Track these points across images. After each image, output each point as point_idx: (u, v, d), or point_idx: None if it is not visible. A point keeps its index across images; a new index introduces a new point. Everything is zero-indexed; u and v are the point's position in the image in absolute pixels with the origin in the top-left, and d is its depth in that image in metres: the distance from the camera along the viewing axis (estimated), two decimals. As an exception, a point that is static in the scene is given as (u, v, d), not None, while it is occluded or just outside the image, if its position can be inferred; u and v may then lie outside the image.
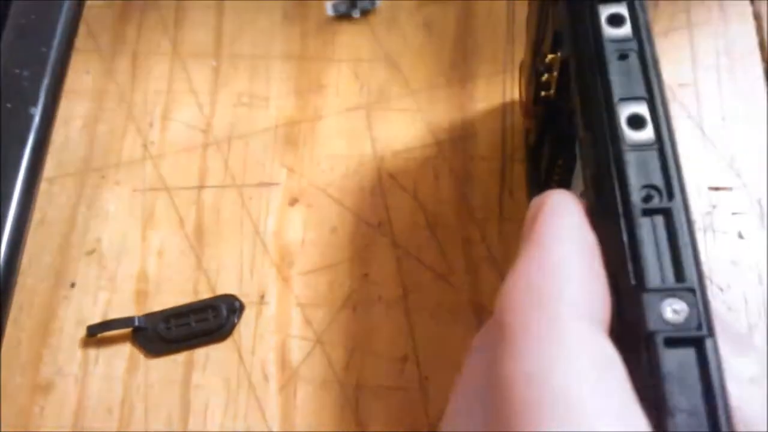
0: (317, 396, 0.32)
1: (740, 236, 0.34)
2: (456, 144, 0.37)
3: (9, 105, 0.39)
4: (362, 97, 0.38)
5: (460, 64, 0.39)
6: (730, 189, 0.35)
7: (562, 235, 0.18)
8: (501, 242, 0.34)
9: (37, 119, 0.39)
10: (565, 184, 0.27)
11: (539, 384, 0.16)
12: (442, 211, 0.35)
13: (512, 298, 0.18)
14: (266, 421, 0.32)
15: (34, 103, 0.39)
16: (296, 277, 0.35)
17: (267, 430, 0.32)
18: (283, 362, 0.33)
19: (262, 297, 0.34)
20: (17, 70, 0.40)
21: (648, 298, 0.17)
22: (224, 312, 0.34)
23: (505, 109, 0.37)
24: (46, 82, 0.40)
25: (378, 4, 0.40)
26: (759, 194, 0.34)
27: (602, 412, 0.16)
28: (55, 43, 0.41)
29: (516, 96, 0.37)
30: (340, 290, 0.34)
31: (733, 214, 0.34)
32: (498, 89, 0.38)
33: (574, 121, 0.21)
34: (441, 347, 0.33)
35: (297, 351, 0.33)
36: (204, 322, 0.34)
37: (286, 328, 0.34)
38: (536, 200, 0.20)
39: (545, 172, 0.29)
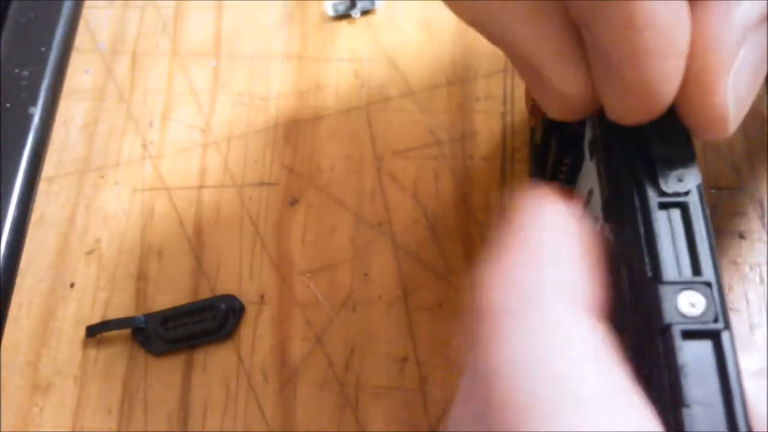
0: (317, 396, 0.32)
1: (741, 236, 0.34)
2: (456, 144, 0.37)
3: (8, 105, 0.39)
4: (362, 97, 0.38)
5: (460, 64, 0.39)
6: (731, 189, 0.35)
7: (541, 222, 0.18)
8: (501, 242, 0.34)
9: (36, 119, 0.39)
10: (571, 182, 0.27)
11: (538, 373, 0.15)
12: (442, 211, 0.35)
13: (491, 287, 0.17)
14: (266, 421, 0.32)
15: (34, 103, 0.39)
16: (296, 277, 0.35)
17: (267, 430, 0.32)
18: (283, 362, 0.33)
19: (262, 297, 0.34)
20: (17, 70, 0.40)
21: (664, 291, 0.17)
22: (224, 312, 0.34)
23: (505, 109, 0.37)
24: (45, 81, 0.39)
25: (378, 4, 0.40)
26: (760, 194, 0.34)
27: (606, 399, 0.15)
28: (55, 42, 0.40)
29: (517, 95, 0.37)
30: (340, 290, 0.34)
31: (734, 214, 0.34)
32: (498, 89, 0.38)
33: (584, 119, 0.21)
34: (441, 347, 0.33)
35: (297, 351, 0.33)
36: (203, 323, 0.34)
37: (285, 328, 0.34)
38: (512, 201, 0.19)
39: (551, 171, 0.28)
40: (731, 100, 0.18)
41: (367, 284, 0.34)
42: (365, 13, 0.40)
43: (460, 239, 0.35)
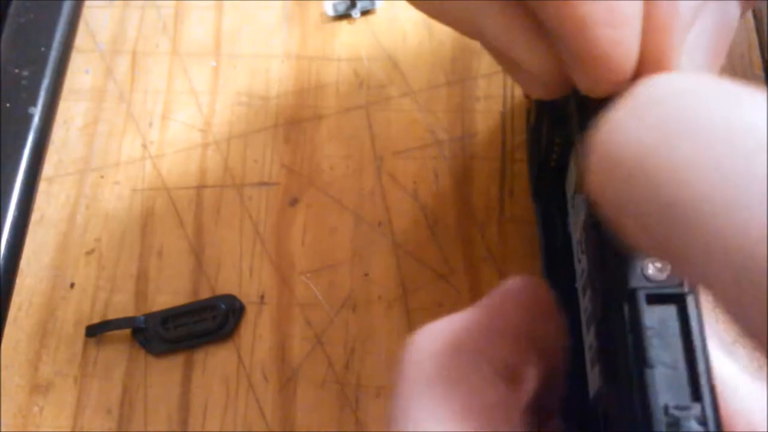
0: (317, 396, 0.32)
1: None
2: (456, 144, 0.37)
3: (8, 105, 0.39)
4: (362, 97, 0.38)
5: (460, 64, 0.39)
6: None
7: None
8: (501, 242, 0.34)
9: (36, 119, 0.39)
10: (564, 161, 0.28)
11: None
12: (442, 211, 0.35)
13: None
14: (266, 421, 0.32)
15: (34, 103, 0.39)
16: (296, 277, 0.35)
17: (266, 430, 0.32)
18: (283, 362, 0.33)
19: (262, 297, 0.34)
20: (17, 70, 0.40)
21: (631, 255, 0.18)
22: (224, 312, 0.34)
23: (505, 109, 0.37)
24: (45, 81, 0.39)
25: (378, 4, 0.40)
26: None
27: None
28: (55, 42, 0.40)
29: (517, 94, 0.37)
30: (340, 290, 0.34)
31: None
32: (498, 89, 0.38)
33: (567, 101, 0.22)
34: (441, 347, 0.33)
35: (297, 351, 0.33)
36: (203, 323, 0.34)
37: (285, 328, 0.34)
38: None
39: (545, 151, 0.29)
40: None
41: (367, 284, 0.34)
42: (365, 13, 0.40)
43: (460, 239, 0.35)
